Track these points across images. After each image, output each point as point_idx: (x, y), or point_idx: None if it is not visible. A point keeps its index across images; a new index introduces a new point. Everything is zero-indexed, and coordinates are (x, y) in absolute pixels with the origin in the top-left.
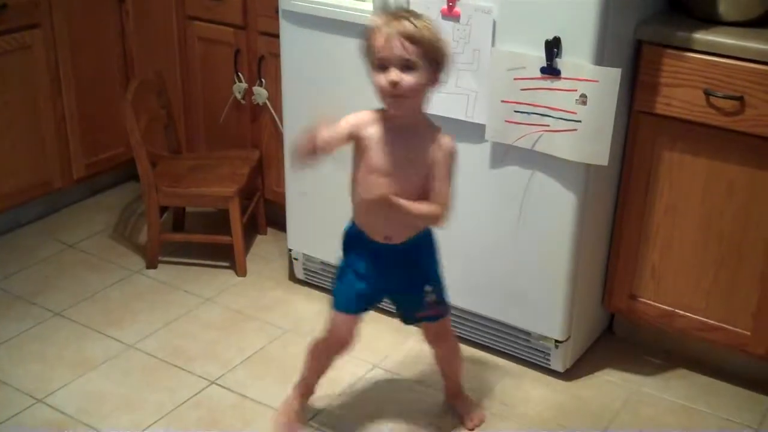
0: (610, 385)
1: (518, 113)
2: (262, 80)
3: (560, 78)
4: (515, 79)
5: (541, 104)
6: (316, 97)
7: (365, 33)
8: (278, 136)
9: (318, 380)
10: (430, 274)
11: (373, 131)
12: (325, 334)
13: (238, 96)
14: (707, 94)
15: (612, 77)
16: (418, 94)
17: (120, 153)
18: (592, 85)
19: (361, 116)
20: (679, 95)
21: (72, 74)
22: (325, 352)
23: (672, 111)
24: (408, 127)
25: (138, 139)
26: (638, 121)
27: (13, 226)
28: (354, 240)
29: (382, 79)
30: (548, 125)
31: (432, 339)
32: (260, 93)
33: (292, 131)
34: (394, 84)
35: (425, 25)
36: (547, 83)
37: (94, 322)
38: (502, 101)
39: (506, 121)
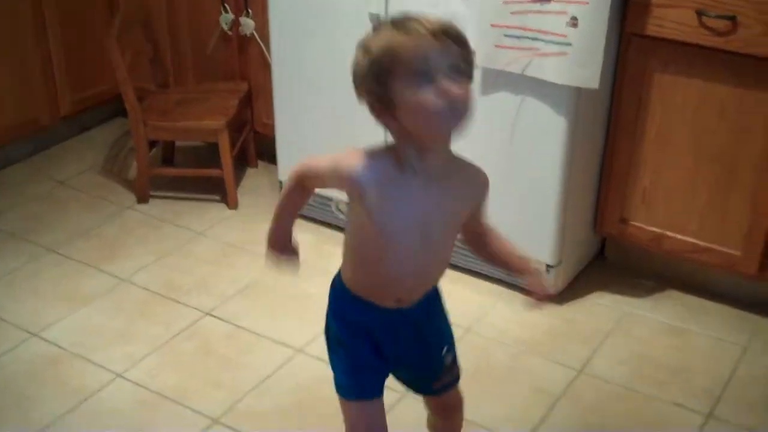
0: (601, 307)
1: (508, 37)
2: (249, 11)
3: (550, 0)
4: (505, 2)
5: (532, 27)
6: (303, 27)
7: (368, 51)
8: (266, 68)
9: None
10: (443, 331)
11: (376, 183)
12: None
13: (225, 27)
14: (699, 14)
15: None
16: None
17: (107, 89)
18: (582, 7)
19: (355, 162)
20: (671, 16)
21: (56, 9)
22: None
23: (664, 32)
24: (440, 164)
25: (124, 75)
26: (629, 43)
27: (3, 165)
28: (354, 310)
29: (432, 95)
30: (538, 49)
31: (444, 410)
32: (247, 24)
33: (281, 62)
34: (456, 97)
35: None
36: (537, 6)
37: (87, 257)
38: (492, 25)
39: (496, 45)
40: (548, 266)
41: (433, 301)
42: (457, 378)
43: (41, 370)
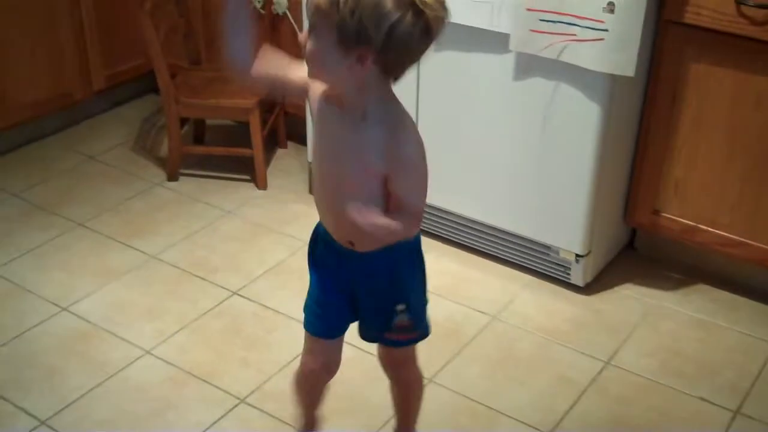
0: (629, 299)
1: (544, 22)
2: None
3: None
4: None
5: (568, 12)
6: None
7: None
8: (299, 47)
9: (315, 413)
10: (404, 292)
11: (318, 97)
12: (300, 361)
13: (258, 5)
14: (738, 2)
15: None
16: (323, 67)
17: (139, 64)
18: None
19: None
20: (709, 4)
21: None
22: (306, 383)
23: (701, 20)
24: (370, 112)
25: (157, 50)
26: (666, 30)
27: (35, 138)
28: (320, 241)
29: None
30: (575, 34)
31: (392, 364)
32: (280, 3)
33: None
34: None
35: None
36: None
37: (116, 232)
38: (528, 9)
39: (531, 30)
40: (577, 256)
41: (403, 261)
42: (413, 339)
43: (70, 344)
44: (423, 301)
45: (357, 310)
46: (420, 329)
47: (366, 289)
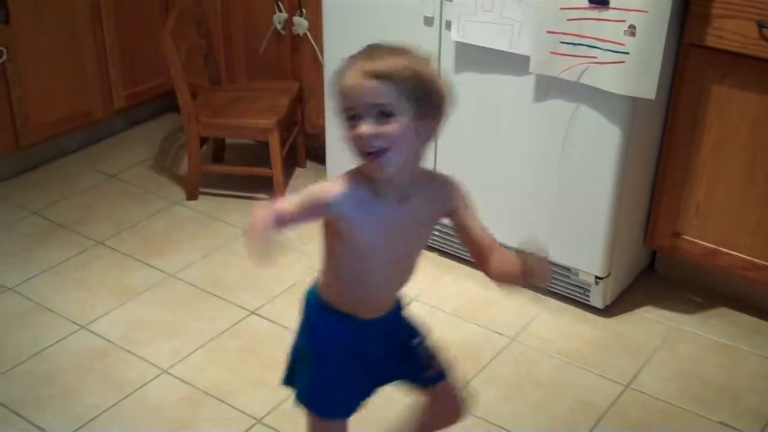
0: (649, 322)
1: (564, 44)
2: (303, 10)
3: (608, 8)
4: (562, 8)
5: (589, 35)
6: (357, 27)
7: (333, 75)
8: (318, 68)
9: None
10: (411, 327)
11: (352, 206)
12: None
13: (278, 26)
14: (761, 26)
15: (662, 7)
16: (404, 146)
17: (160, 83)
18: (641, 16)
19: (331, 189)
20: (731, 27)
21: (112, 2)
22: None
23: (723, 44)
24: (404, 186)
25: (178, 70)
26: (688, 53)
27: (56, 156)
28: (336, 324)
29: (351, 134)
30: (595, 57)
31: (450, 402)
32: (301, 23)
33: (333, 62)
34: (367, 138)
35: (405, 58)
36: (595, 13)
37: (135, 251)
38: (548, 32)
39: (551, 52)
40: (597, 278)
41: (399, 304)
42: (442, 373)
43: (88, 363)
44: (427, 334)
45: (382, 380)
46: (440, 361)
47: (391, 348)
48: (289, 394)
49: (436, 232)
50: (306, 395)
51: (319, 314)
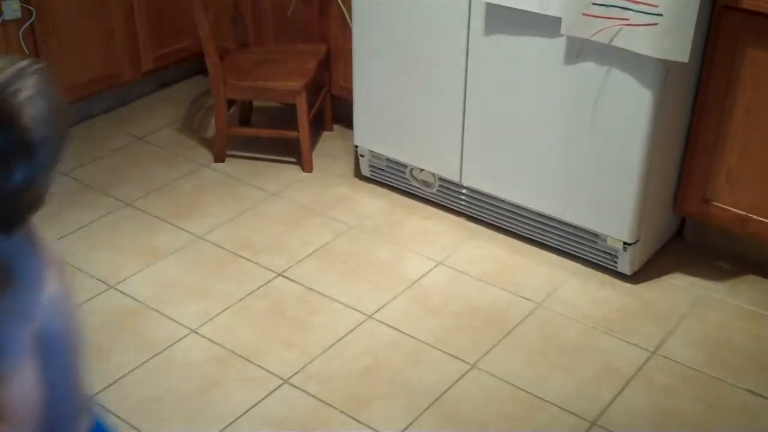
0: (677, 288)
1: (596, 6)
2: None
3: None
4: None
5: None
6: None
7: None
8: (346, 31)
9: None
10: None
11: None
12: None
13: None
14: None
15: None
16: None
17: (188, 46)
18: None
19: None
20: None
21: None
22: None
23: (759, 6)
24: None
25: (207, 32)
26: (722, 16)
27: (85, 117)
28: None
29: None
30: (628, 19)
31: None
32: None
33: (361, 25)
34: None
35: None
36: None
37: (163, 213)
38: None
39: (583, 14)
40: (625, 244)
41: None
42: None
43: (117, 322)
44: None
45: None
46: None
47: None
48: (315, 355)
49: (463, 197)
50: None
51: None
